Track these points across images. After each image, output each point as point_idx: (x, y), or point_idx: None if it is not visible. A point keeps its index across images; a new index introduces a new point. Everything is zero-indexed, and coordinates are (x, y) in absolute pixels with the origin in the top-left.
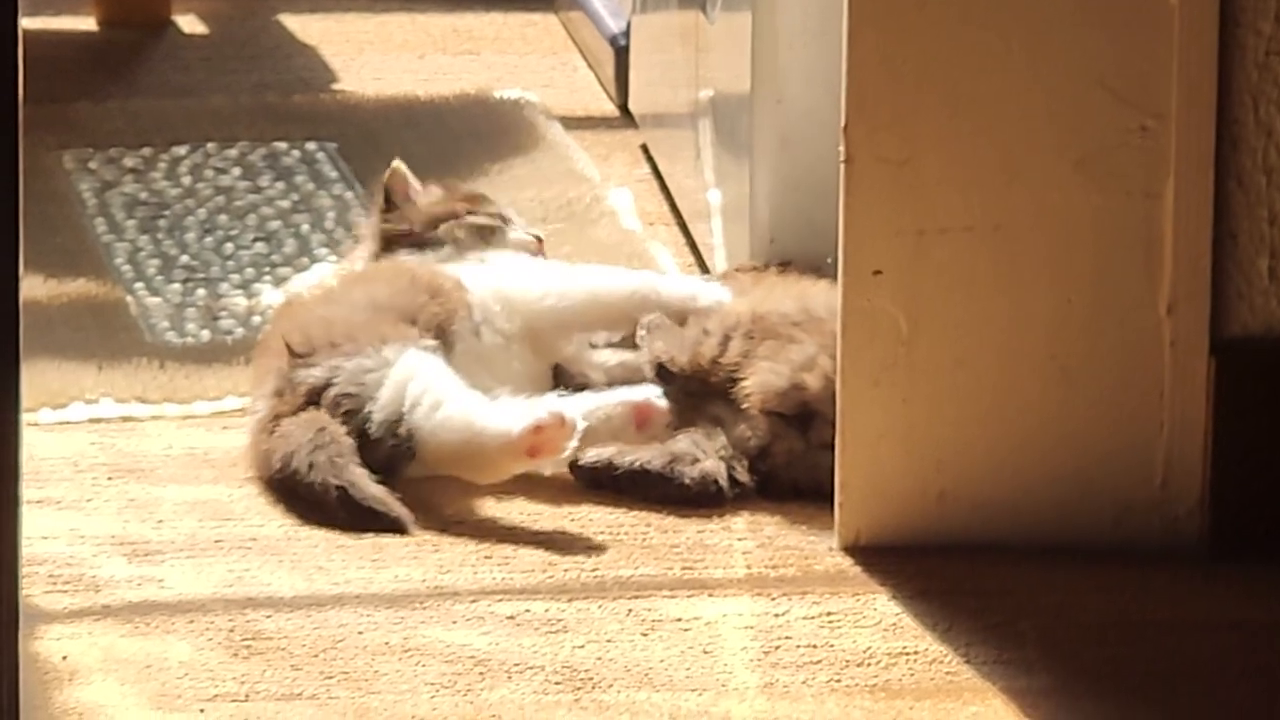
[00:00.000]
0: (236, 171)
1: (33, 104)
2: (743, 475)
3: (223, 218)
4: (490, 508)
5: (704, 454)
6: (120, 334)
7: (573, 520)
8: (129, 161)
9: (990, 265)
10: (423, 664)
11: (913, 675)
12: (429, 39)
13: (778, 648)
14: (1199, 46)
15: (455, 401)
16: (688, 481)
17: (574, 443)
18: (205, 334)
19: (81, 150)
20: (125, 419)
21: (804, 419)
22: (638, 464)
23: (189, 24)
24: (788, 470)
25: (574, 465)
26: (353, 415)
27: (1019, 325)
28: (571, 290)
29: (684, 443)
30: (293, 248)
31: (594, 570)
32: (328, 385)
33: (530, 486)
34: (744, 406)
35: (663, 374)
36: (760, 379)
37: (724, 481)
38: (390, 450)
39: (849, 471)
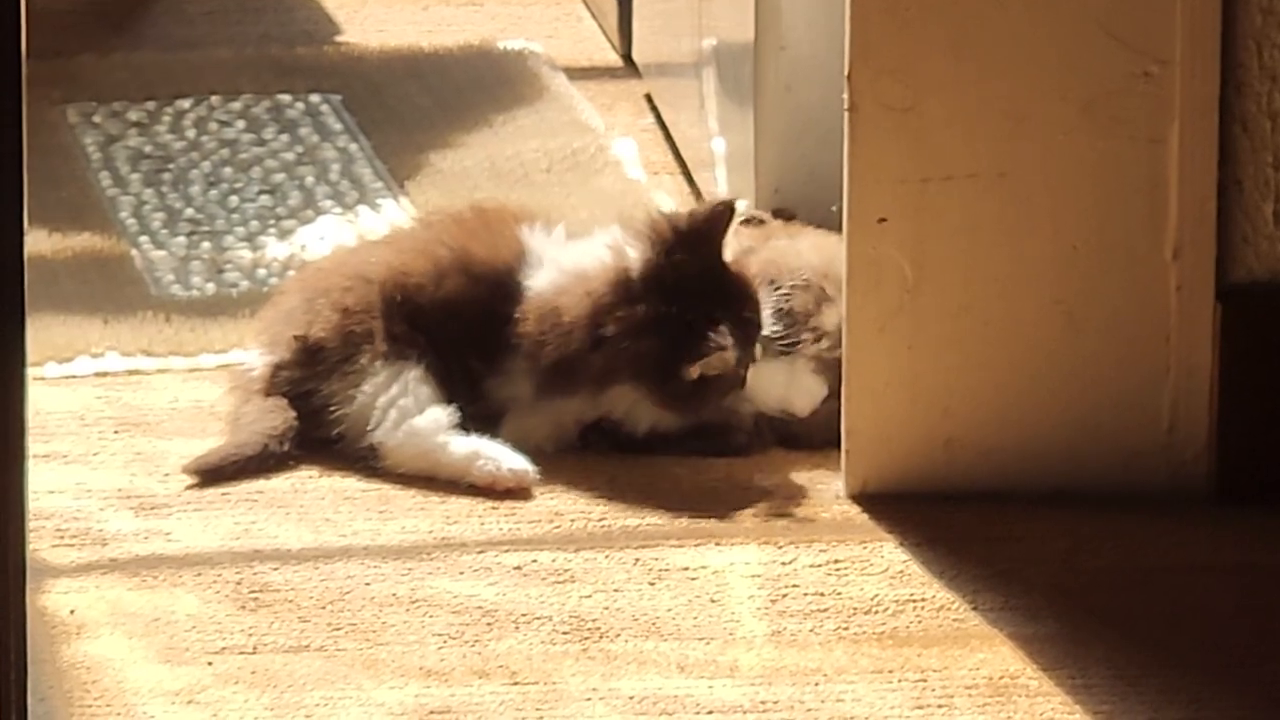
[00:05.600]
0: (241, 124)
1: (36, 58)
2: (765, 429)
3: (227, 171)
4: None
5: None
6: (125, 287)
7: (578, 470)
8: (133, 115)
9: (995, 212)
10: (430, 615)
11: (920, 622)
12: None
13: (785, 596)
14: None
15: (420, 419)
16: (740, 436)
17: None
18: (210, 287)
19: (85, 104)
20: (131, 372)
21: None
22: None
23: None
24: (824, 430)
25: (595, 429)
26: (322, 425)
27: (1024, 271)
28: None
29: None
30: (297, 200)
31: (600, 520)
32: (309, 395)
33: None
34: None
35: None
36: (813, 348)
37: (759, 432)
38: (354, 452)
39: (855, 419)
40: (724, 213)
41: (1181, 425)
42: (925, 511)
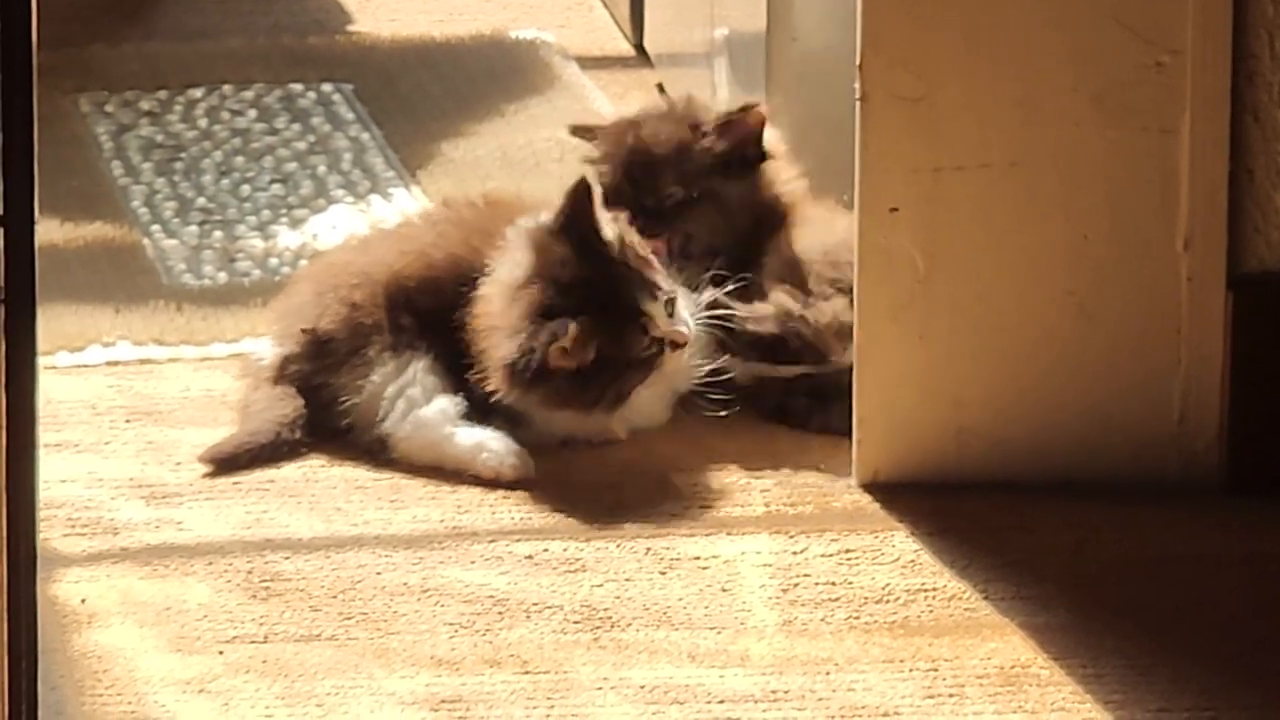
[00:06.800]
0: (252, 114)
1: (48, 48)
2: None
3: (239, 160)
4: None
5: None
6: (137, 277)
7: (590, 458)
8: (145, 104)
9: (1007, 202)
10: (441, 604)
11: (931, 612)
12: None
13: (796, 585)
14: None
15: (427, 410)
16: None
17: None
18: (222, 276)
19: (97, 93)
20: (142, 362)
21: None
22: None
23: None
24: (839, 419)
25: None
26: (332, 417)
27: (1036, 262)
28: None
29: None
30: (309, 189)
31: (612, 509)
32: (320, 388)
33: None
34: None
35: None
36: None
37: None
38: (363, 444)
39: (867, 409)
40: (581, 190)
41: (1192, 415)
42: (936, 501)
